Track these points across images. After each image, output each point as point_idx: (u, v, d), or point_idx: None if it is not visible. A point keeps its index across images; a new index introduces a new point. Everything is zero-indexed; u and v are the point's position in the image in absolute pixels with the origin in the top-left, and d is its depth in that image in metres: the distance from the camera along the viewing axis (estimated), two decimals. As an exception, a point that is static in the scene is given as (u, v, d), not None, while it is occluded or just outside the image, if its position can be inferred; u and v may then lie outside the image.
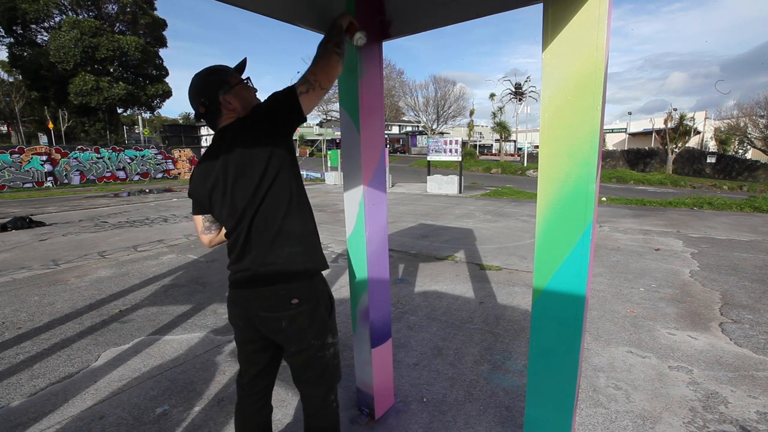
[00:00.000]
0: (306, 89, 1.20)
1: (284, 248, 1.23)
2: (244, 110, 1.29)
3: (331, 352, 1.36)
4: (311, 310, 1.28)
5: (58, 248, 5.90)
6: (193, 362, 2.63)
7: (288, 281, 1.24)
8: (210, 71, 1.33)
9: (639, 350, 2.75)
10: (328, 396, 1.40)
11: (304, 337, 1.28)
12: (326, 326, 1.33)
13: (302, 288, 1.26)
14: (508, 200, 11.40)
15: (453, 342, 2.89)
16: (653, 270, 4.56)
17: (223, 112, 1.28)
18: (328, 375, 1.38)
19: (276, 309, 1.24)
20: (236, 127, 1.23)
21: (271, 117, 1.20)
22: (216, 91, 1.27)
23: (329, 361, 1.37)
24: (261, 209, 1.20)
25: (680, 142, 24.06)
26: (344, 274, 4.51)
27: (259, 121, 1.20)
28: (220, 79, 1.29)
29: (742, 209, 9.13)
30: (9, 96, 28.57)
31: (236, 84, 1.31)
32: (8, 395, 2.28)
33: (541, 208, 1.21)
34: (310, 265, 1.27)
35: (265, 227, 1.22)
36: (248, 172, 1.18)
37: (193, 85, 1.30)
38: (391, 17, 1.72)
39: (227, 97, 1.27)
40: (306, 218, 1.29)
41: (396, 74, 37.61)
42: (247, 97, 1.33)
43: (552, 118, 1.15)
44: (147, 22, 25.67)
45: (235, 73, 1.35)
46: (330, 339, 1.36)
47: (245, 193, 1.19)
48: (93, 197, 13.30)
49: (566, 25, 1.08)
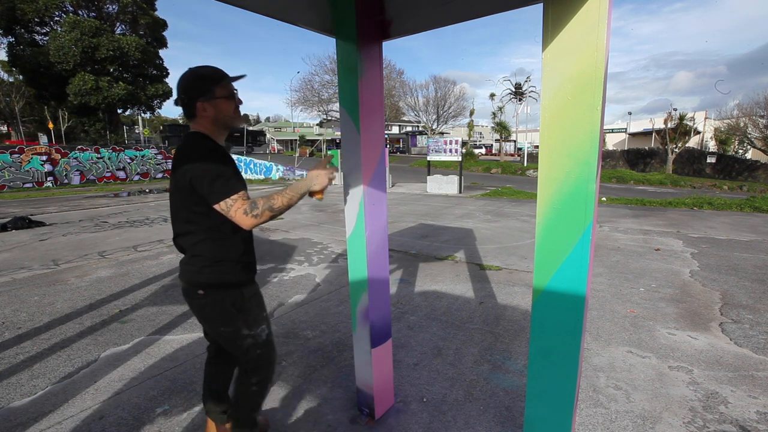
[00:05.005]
0: (250, 211, 1.32)
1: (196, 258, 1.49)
2: (214, 121, 1.42)
3: (249, 342, 1.53)
4: (213, 303, 1.48)
5: (58, 248, 5.90)
6: (193, 362, 2.63)
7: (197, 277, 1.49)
8: (200, 76, 1.39)
9: (639, 350, 2.75)
10: (248, 378, 1.59)
11: (211, 323, 1.52)
12: (235, 318, 1.49)
13: (203, 282, 1.48)
14: (508, 200, 11.40)
15: (453, 342, 2.89)
16: (653, 270, 4.56)
17: (197, 115, 1.41)
18: (249, 361, 1.56)
19: (190, 297, 1.52)
20: (183, 153, 1.37)
21: (195, 190, 1.35)
22: (197, 96, 1.38)
23: (248, 349, 1.54)
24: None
25: (680, 142, 24.06)
26: (344, 274, 4.51)
27: (186, 177, 1.34)
28: (205, 87, 1.39)
29: (742, 209, 9.13)
30: (9, 96, 28.57)
31: (221, 96, 1.40)
32: (8, 395, 2.28)
33: (541, 208, 1.21)
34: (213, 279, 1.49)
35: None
36: (177, 194, 1.42)
37: (182, 78, 1.40)
38: (391, 17, 1.72)
39: (205, 104, 1.39)
40: (216, 245, 1.47)
41: (396, 74, 37.58)
42: (225, 110, 1.43)
43: (552, 118, 1.15)
44: (147, 22, 25.69)
45: (227, 84, 1.41)
46: (245, 330, 1.51)
47: (176, 204, 1.45)
48: (93, 197, 13.30)
49: (566, 25, 1.08)
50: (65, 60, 21.82)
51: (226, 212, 1.33)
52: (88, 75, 22.58)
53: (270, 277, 4.42)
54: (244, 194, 1.35)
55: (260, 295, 1.61)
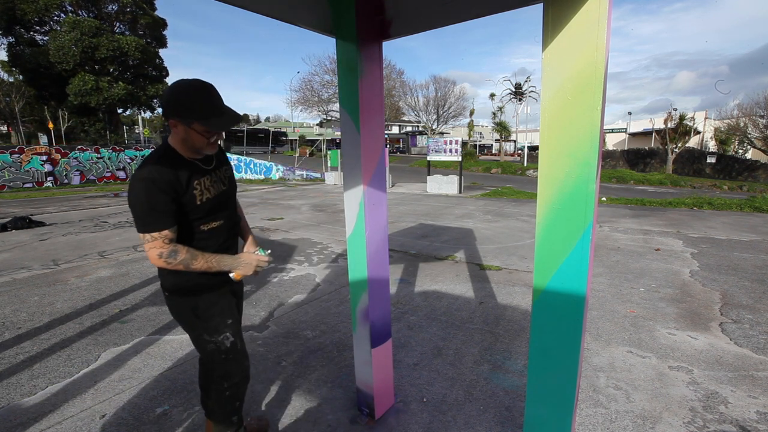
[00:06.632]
0: (166, 256, 1.35)
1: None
2: (183, 142, 1.40)
3: (211, 348, 1.55)
4: (174, 306, 1.53)
5: (58, 248, 5.90)
6: (193, 362, 2.63)
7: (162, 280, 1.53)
8: (184, 102, 1.32)
9: (639, 350, 2.75)
10: (220, 383, 1.61)
11: (178, 322, 1.58)
12: (195, 323, 1.53)
13: (166, 286, 1.52)
14: (508, 200, 11.40)
15: (453, 342, 2.89)
16: (653, 270, 4.56)
17: (170, 126, 1.39)
18: (215, 365, 1.59)
19: (163, 294, 1.56)
20: (141, 164, 1.37)
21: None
22: (173, 114, 1.34)
23: (212, 353, 1.56)
24: None
25: (680, 142, 24.06)
26: (344, 274, 4.51)
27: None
28: (185, 111, 1.32)
29: (742, 209, 9.13)
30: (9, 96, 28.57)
31: (191, 129, 1.36)
32: (8, 395, 2.28)
33: (541, 208, 1.21)
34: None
35: None
36: None
37: (172, 88, 1.35)
38: (391, 17, 1.72)
39: (178, 125, 1.35)
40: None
41: (396, 74, 37.53)
42: (196, 141, 1.39)
43: (552, 118, 1.15)
44: (147, 22, 25.68)
45: (207, 120, 1.34)
46: (206, 336, 1.54)
47: None
48: (93, 197, 13.30)
49: (566, 25, 1.08)
50: (65, 60, 21.81)
51: (144, 243, 1.35)
52: (88, 75, 22.57)
53: (270, 277, 4.42)
54: (168, 235, 1.34)
55: (226, 304, 1.58)
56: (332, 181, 17.09)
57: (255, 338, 2.97)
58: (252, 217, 8.47)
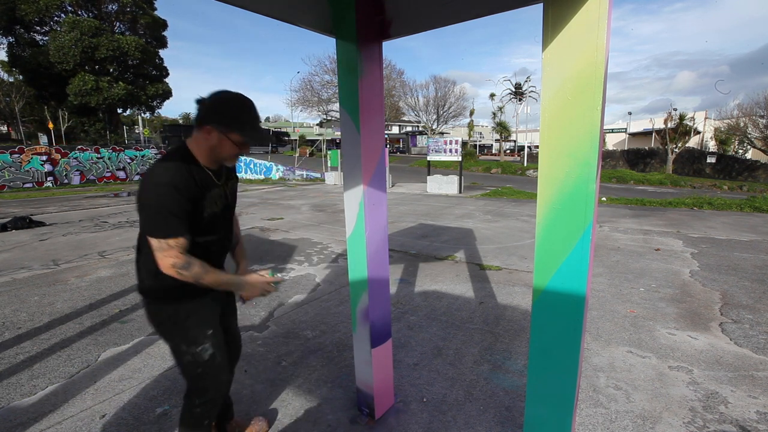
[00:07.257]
0: (179, 266, 1.30)
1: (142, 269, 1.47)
2: (210, 150, 1.38)
3: (188, 359, 1.48)
4: (152, 313, 1.47)
5: (58, 248, 5.90)
6: (193, 362, 2.62)
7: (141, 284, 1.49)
8: (232, 112, 1.34)
9: (639, 350, 2.75)
10: (191, 399, 1.54)
11: (156, 330, 1.51)
12: (172, 332, 1.47)
13: (145, 290, 1.47)
14: (508, 200, 11.40)
15: (453, 342, 2.89)
16: (653, 270, 4.56)
17: (201, 133, 1.36)
18: (190, 379, 1.52)
19: (142, 299, 1.49)
20: (151, 168, 1.35)
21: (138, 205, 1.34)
22: (213, 120, 1.33)
23: (188, 365, 1.49)
24: None
25: (680, 142, 24.06)
26: (344, 274, 4.51)
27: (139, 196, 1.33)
28: (226, 122, 1.33)
29: (742, 209, 9.13)
30: (9, 96, 28.58)
31: (227, 138, 1.35)
32: (8, 395, 2.28)
33: (541, 208, 1.21)
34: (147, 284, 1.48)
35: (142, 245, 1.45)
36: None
37: (220, 96, 1.35)
38: (391, 17, 1.72)
39: (213, 132, 1.34)
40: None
41: (396, 74, 37.53)
42: (226, 150, 1.39)
43: (552, 118, 1.15)
44: (147, 22, 25.69)
45: (246, 133, 1.36)
46: (184, 347, 1.47)
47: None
48: (93, 197, 13.30)
49: (566, 25, 1.08)
50: (65, 60, 21.82)
51: (156, 249, 1.28)
52: (88, 75, 22.58)
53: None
54: (184, 243, 1.30)
55: (208, 313, 1.52)
56: (332, 181, 17.10)
57: (255, 338, 2.97)
58: (252, 217, 8.47)
